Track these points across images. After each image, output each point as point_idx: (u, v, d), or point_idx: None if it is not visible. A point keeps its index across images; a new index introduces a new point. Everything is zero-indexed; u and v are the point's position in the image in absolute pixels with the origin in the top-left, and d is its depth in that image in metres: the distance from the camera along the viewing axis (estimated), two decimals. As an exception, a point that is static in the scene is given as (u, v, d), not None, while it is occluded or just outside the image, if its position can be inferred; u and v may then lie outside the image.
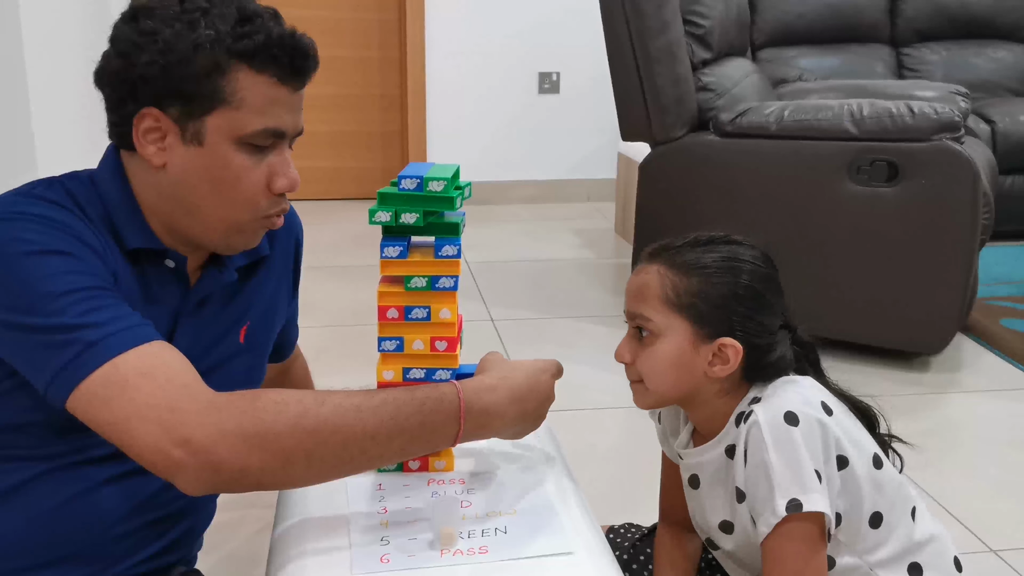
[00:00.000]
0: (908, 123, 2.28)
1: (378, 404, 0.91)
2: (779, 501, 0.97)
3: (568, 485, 1.08)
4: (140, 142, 0.98)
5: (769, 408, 1.00)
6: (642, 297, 1.07)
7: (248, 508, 1.77)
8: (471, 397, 0.95)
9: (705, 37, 2.62)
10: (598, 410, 2.24)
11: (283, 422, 0.87)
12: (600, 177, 4.38)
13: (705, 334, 1.04)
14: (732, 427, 1.06)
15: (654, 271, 1.07)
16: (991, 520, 1.78)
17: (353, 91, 4.24)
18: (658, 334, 1.06)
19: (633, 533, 1.31)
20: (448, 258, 1.00)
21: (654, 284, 1.06)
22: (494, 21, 4.15)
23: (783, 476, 0.97)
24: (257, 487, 0.90)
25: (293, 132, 1.02)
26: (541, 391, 1.04)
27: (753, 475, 1.00)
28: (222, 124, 0.96)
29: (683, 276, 1.05)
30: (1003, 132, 3.46)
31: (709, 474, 1.10)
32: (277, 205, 1.03)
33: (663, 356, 1.06)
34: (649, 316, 1.06)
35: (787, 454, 0.98)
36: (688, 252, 1.07)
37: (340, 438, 0.89)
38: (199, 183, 0.99)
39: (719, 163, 2.54)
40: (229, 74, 0.95)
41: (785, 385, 1.05)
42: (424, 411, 0.93)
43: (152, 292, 1.03)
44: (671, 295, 1.05)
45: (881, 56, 3.90)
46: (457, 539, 0.94)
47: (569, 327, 2.79)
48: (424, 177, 0.97)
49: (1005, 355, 2.58)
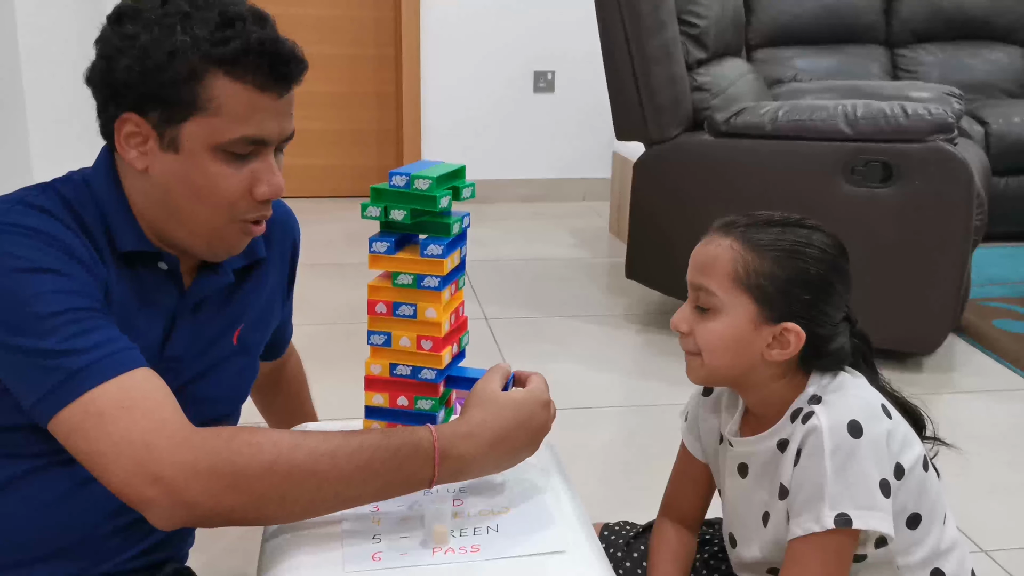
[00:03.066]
0: (902, 124, 2.28)
1: (353, 450, 0.90)
2: (827, 512, 0.96)
3: (560, 484, 1.08)
4: (122, 146, 0.98)
5: (832, 414, 0.98)
6: (709, 270, 1.04)
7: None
8: (446, 445, 0.93)
9: (701, 37, 2.62)
10: (591, 409, 2.24)
11: (257, 464, 0.87)
12: (595, 176, 4.38)
13: (768, 316, 1.02)
14: (787, 422, 1.04)
15: (726, 245, 1.04)
16: (983, 520, 1.78)
17: (348, 89, 4.23)
18: (719, 309, 1.03)
19: (627, 531, 1.31)
20: (432, 257, 0.99)
21: (724, 259, 1.03)
22: (490, 20, 4.15)
23: (837, 488, 0.96)
24: (230, 524, 0.90)
25: (278, 138, 1.00)
26: (532, 426, 1.00)
27: (802, 477, 0.98)
28: (199, 132, 0.95)
29: (755, 255, 1.02)
30: (997, 133, 3.47)
31: (759, 465, 1.08)
32: (258, 211, 1.01)
33: (722, 332, 1.03)
34: (714, 290, 1.03)
35: (846, 467, 0.96)
36: (763, 231, 1.04)
37: (314, 482, 0.89)
38: (178, 189, 0.98)
39: (714, 163, 2.54)
40: (205, 81, 0.94)
41: (845, 386, 1.03)
42: (399, 457, 0.92)
43: (147, 295, 1.02)
44: (740, 272, 1.02)
45: (876, 57, 3.90)
46: (449, 537, 0.94)
47: (563, 326, 2.79)
48: (412, 175, 0.97)
49: (998, 356, 2.58)
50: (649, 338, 2.70)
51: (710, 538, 1.27)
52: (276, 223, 1.18)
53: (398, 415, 1.05)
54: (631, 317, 2.86)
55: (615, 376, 2.46)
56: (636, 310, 2.93)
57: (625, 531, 1.31)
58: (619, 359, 2.56)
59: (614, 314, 2.89)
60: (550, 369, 2.58)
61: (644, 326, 2.79)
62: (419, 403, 1.04)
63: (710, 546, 1.26)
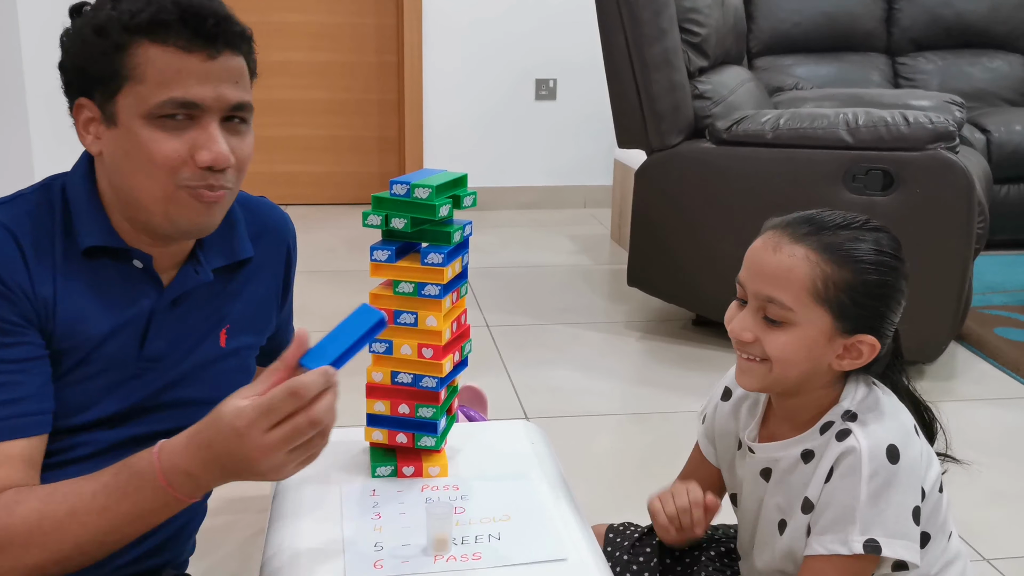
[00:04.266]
0: (903, 132, 2.29)
1: (89, 498, 0.90)
2: (856, 536, 0.95)
3: (562, 491, 1.08)
4: (81, 133, 1.01)
5: (871, 437, 0.97)
6: (783, 283, 0.97)
7: (241, 513, 1.76)
8: (167, 465, 0.88)
9: (701, 45, 2.63)
10: (592, 416, 2.24)
11: (18, 542, 0.89)
12: (596, 183, 4.38)
13: (844, 328, 0.98)
14: (815, 434, 1.02)
15: (802, 255, 0.97)
16: (984, 528, 1.78)
17: (350, 96, 4.24)
18: (793, 323, 0.98)
19: (632, 532, 1.30)
20: (433, 266, 0.99)
21: (801, 272, 0.97)
22: (492, 27, 4.16)
23: (871, 514, 0.95)
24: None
25: (215, 103, 0.97)
26: (221, 431, 0.85)
27: (833, 496, 0.97)
28: (130, 102, 0.97)
29: (835, 266, 0.96)
30: (998, 142, 3.47)
31: (781, 470, 1.06)
32: (203, 178, 0.98)
33: (797, 345, 0.98)
34: (789, 305, 0.97)
35: (882, 493, 0.95)
36: (840, 236, 0.98)
37: (70, 545, 0.90)
38: (122, 163, 0.99)
39: (715, 171, 2.54)
40: (131, 50, 0.96)
41: (880, 404, 1.01)
42: (130, 490, 0.89)
43: (119, 293, 1.02)
44: (819, 287, 0.96)
45: (877, 65, 3.91)
46: (450, 545, 0.94)
47: (564, 333, 2.80)
48: (412, 183, 0.97)
49: (999, 364, 2.58)
50: (650, 346, 2.70)
51: (719, 539, 1.27)
52: (268, 228, 1.17)
53: (399, 423, 1.06)
54: (632, 325, 2.86)
55: (616, 384, 2.46)
56: (637, 317, 2.93)
57: (630, 532, 1.30)
58: (620, 367, 2.56)
59: (615, 321, 2.89)
60: (551, 376, 2.58)
61: (645, 334, 2.79)
62: (420, 411, 1.04)
63: (717, 545, 1.26)
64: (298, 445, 0.83)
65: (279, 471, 0.85)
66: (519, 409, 2.24)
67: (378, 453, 1.09)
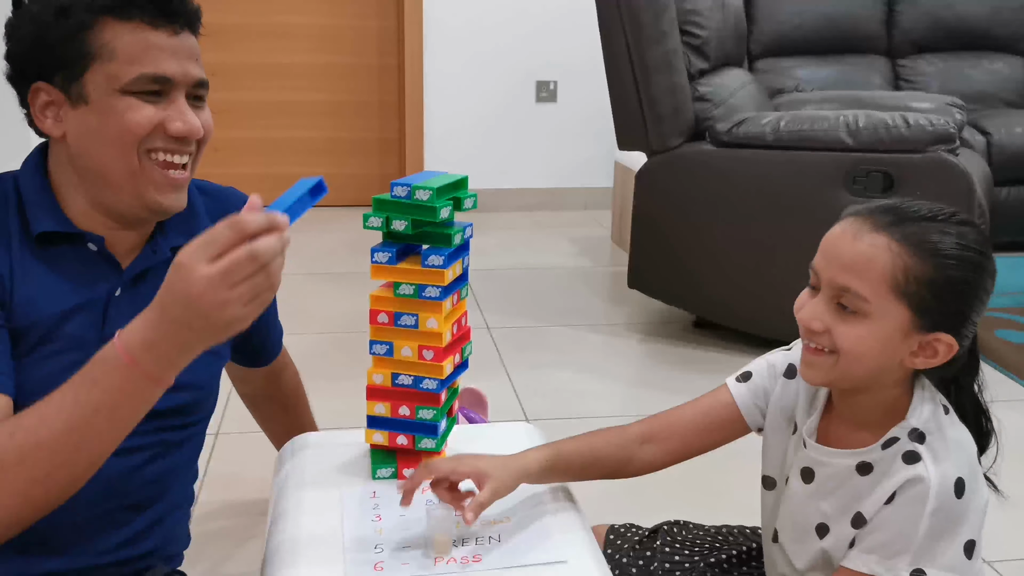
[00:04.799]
0: (903, 134, 2.29)
1: (58, 399, 0.88)
2: (903, 566, 0.93)
3: (562, 493, 1.08)
4: (39, 118, 1.02)
5: (940, 467, 0.94)
6: (861, 272, 0.92)
7: (241, 516, 1.76)
8: (126, 339, 0.86)
9: (702, 47, 2.63)
10: (594, 419, 2.24)
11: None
12: (597, 186, 4.38)
13: (921, 325, 0.93)
14: (877, 449, 0.98)
15: (883, 245, 0.92)
16: (986, 531, 1.78)
17: (351, 98, 4.24)
18: (869, 315, 0.93)
19: (633, 533, 1.30)
20: (434, 268, 0.99)
21: (883, 262, 0.91)
22: (492, 29, 4.16)
23: (925, 545, 0.92)
24: (30, 521, 0.90)
25: (183, 78, 1.03)
26: (168, 277, 0.83)
27: (891, 520, 0.95)
28: (100, 79, 0.99)
29: (918, 259, 0.91)
30: (998, 144, 3.47)
31: (826, 477, 1.02)
32: (172, 149, 1.02)
33: (871, 339, 0.93)
34: (866, 296, 0.92)
35: (942, 527, 0.92)
36: (924, 228, 0.93)
37: (45, 452, 0.87)
38: (94, 140, 1.01)
39: (715, 173, 2.54)
40: (95, 29, 0.98)
41: (944, 427, 0.98)
42: (96, 377, 0.87)
43: (78, 276, 1.04)
44: (900, 279, 0.91)
45: (877, 67, 3.91)
46: (451, 547, 0.94)
47: (565, 335, 2.79)
48: (413, 185, 0.97)
49: (1000, 366, 2.58)
50: (651, 348, 2.70)
51: (719, 546, 1.26)
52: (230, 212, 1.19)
53: (400, 425, 1.06)
54: (633, 327, 2.86)
55: (617, 386, 2.46)
56: (638, 319, 2.93)
57: (631, 533, 1.29)
58: (621, 369, 2.56)
59: (616, 323, 2.89)
60: (552, 378, 2.58)
61: (646, 335, 2.79)
62: (420, 413, 1.04)
63: (718, 552, 1.25)
64: (240, 280, 0.80)
65: (223, 309, 0.81)
66: (519, 411, 2.24)
67: (379, 455, 1.09)
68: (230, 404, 2.02)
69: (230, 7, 4.03)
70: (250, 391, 1.59)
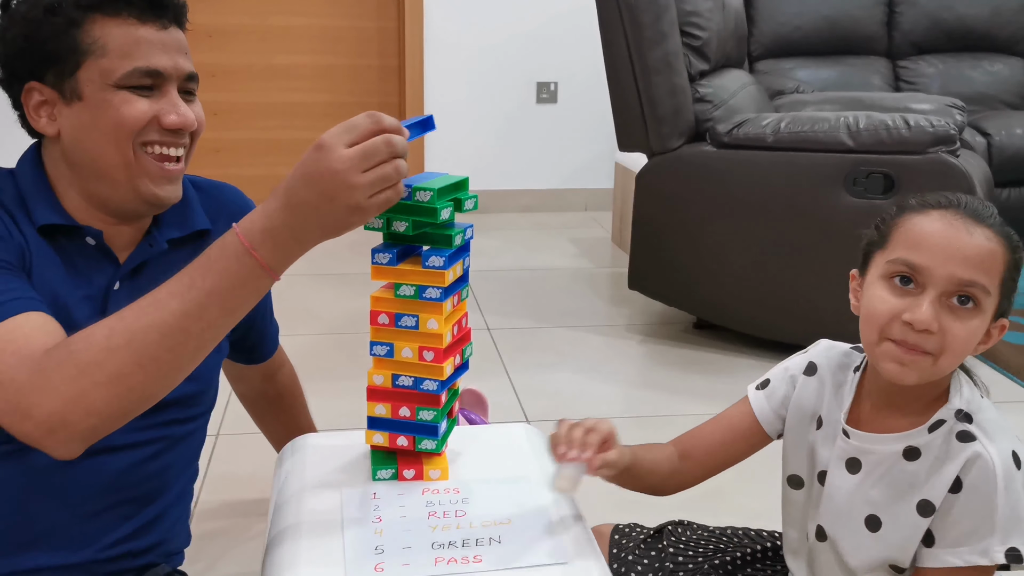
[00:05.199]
0: (904, 136, 2.29)
1: (172, 284, 0.89)
2: (997, 547, 0.94)
3: (563, 494, 1.08)
4: (33, 118, 1.03)
5: (997, 444, 0.96)
6: (988, 267, 0.94)
7: (241, 517, 1.76)
8: (246, 226, 0.88)
9: (702, 48, 2.63)
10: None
11: (96, 350, 0.87)
12: (597, 187, 4.38)
13: (997, 311, 0.97)
14: (923, 432, 1.00)
15: (994, 238, 0.95)
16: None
17: (351, 99, 4.25)
18: (984, 309, 0.95)
19: (638, 533, 1.29)
20: (434, 269, 1.00)
21: (1000, 254, 0.95)
22: (493, 30, 4.16)
23: (1009, 523, 0.94)
24: (124, 416, 0.89)
25: (175, 73, 1.04)
26: (303, 159, 0.88)
27: (967, 507, 0.96)
28: (93, 75, 1.00)
29: (1005, 248, 0.95)
30: (999, 145, 3.47)
31: (873, 464, 1.03)
32: (166, 141, 1.04)
33: (978, 332, 0.96)
34: (989, 289, 0.94)
35: (1015, 500, 0.94)
36: (995, 218, 0.97)
37: (155, 334, 0.87)
38: (89, 135, 1.02)
39: (716, 174, 2.54)
40: (85, 26, 1.00)
41: (984, 406, 1.01)
42: (212, 263, 0.88)
43: (77, 269, 1.05)
44: (1001, 268, 0.95)
45: (878, 68, 3.91)
46: (572, 485, 0.96)
47: (565, 336, 2.80)
48: (413, 186, 0.97)
49: (1000, 368, 2.58)
50: (651, 349, 2.70)
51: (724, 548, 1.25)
52: (225, 205, 1.21)
53: (400, 426, 1.06)
54: (633, 328, 2.86)
55: (617, 387, 2.46)
56: (638, 320, 2.93)
57: (636, 533, 1.29)
58: (621, 370, 2.56)
59: (616, 324, 2.89)
60: (552, 379, 2.58)
61: (646, 336, 2.79)
62: (421, 414, 1.04)
63: (723, 554, 1.24)
64: (373, 165, 0.85)
65: (351, 193, 0.85)
66: (520, 412, 2.24)
67: (379, 456, 1.09)
68: (230, 406, 2.02)
69: (230, 8, 4.04)
70: (247, 390, 1.60)
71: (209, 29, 3.99)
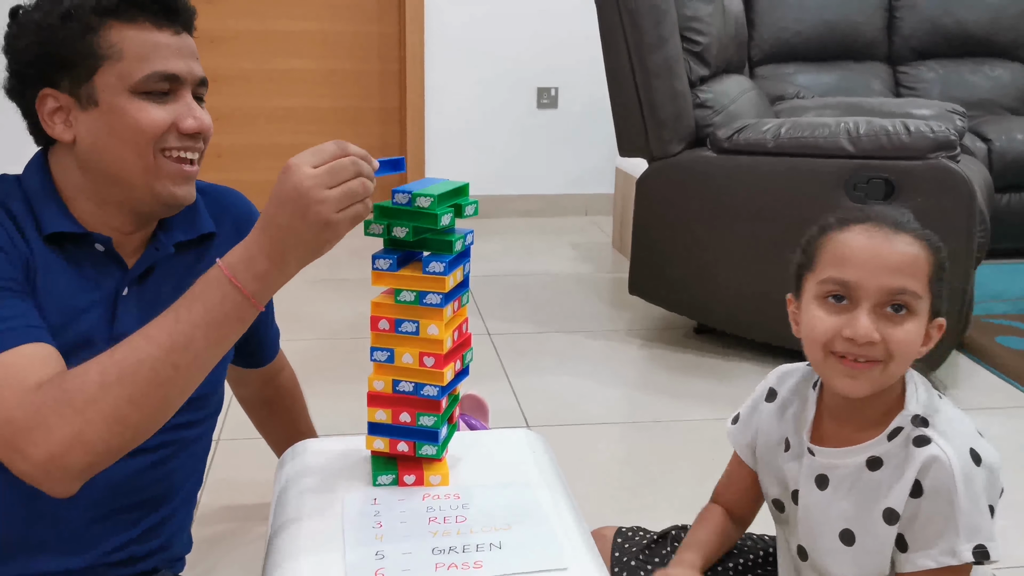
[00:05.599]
0: (904, 141, 2.29)
1: (160, 319, 0.91)
2: (964, 545, 0.95)
3: (563, 500, 1.08)
4: (48, 124, 1.04)
5: (953, 443, 0.97)
6: (913, 271, 0.98)
7: (242, 521, 1.76)
8: (228, 259, 0.92)
9: (703, 54, 2.63)
10: (595, 425, 2.24)
11: (91, 389, 0.88)
12: (598, 192, 4.39)
13: (932, 312, 1.00)
14: (883, 440, 1.01)
15: (915, 243, 0.99)
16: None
17: (352, 104, 4.25)
18: (916, 312, 0.98)
19: (641, 537, 1.29)
20: (435, 274, 1.00)
21: (923, 257, 0.98)
22: (494, 36, 4.17)
23: (971, 521, 0.95)
24: (119, 452, 0.91)
25: (190, 78, 1.05)
26: (276, 185, 0.90)
27: (930, 509, 0.97)
28: (110, 80, 1.01)
29: (929, 251, 0.99)
30: (999, 150, 3.48)
31: (840, 478, 1.05)
32: (186, 146, 1.05)
33: (917, 334, 0.98)
34: (919, 292, 0.97)
35: (975, 499, 0.96)
36: (916, 224, 1.01)
37: (146, 369, 0.89)
38: (107, 141, 1.02)
39: (716, 179, 2.55)
40: (101, 32, 1.00)
41: (942, 406, 1.02)
42: (197, 295, 0.91)
43: (86, 275, 1.06)
44: (930, 271, 0.99)
45: (878, 74, 3.92)
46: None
47: (566, 341, 2.80)
48: (413, 192, 0.97)
49: (1001, 373, 2.58)
50: (652, 354, 2.70)
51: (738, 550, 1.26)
52: (228, 209, 1.22)
53: (400, 431, 1.06)
54: (634, 332, 2.86)
55: (618, 391, 2.46)
56: (639, 325, 2.93)
57: (639, 537, 1.29)
58: (622, 374, 2.56)
59: (617, 329, 2.90)
60: (553, 384, 2.58)
61: (647, 341, 2.79)
62: (421, 419, 1.04)
63: (735, 557, 1.24)
64: (340, 182, 0.88)
65: (320, 207, 0.87)
66: (520, 417, 2.24)
67: (379, 462, 1.09)
68: (230, 411, 2.02)
69: (232, 14, 4.04)
70: (248, 394, 1.60)
71: (211, 34, 4.00)
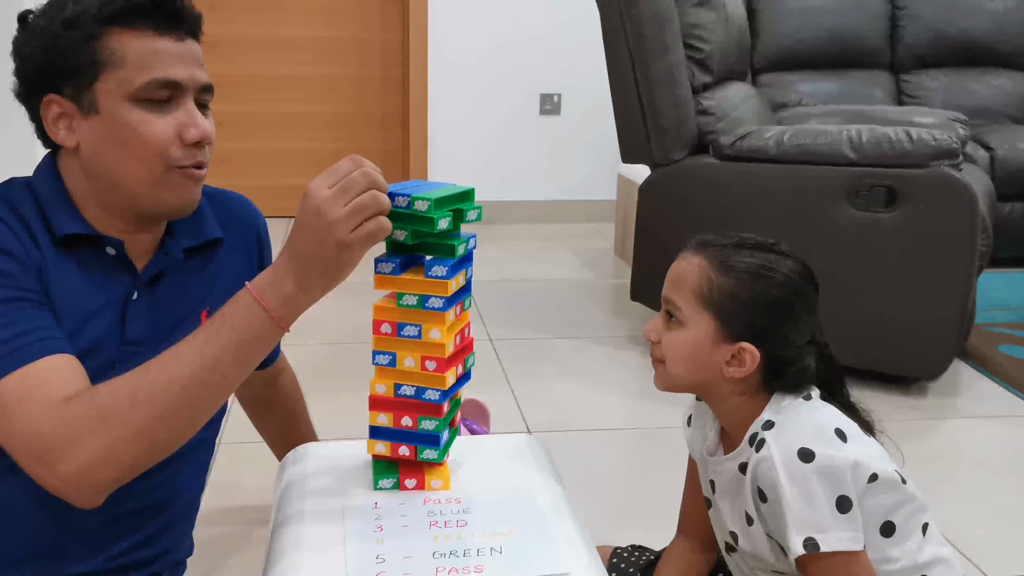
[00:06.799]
0: (907, 149, 2.29)
1: (191, 339, 0.93)
2: (795, 538, 0.98)
3: (564, 505, 1.08)
4: (52, 130, 1.04)
5: (782, 442, 1.01)
6: (678, 285, 1.10)
7: (243, 524, 1.76)
8: (257, 283, 0.94)
9: (705, 61, 2.64)
10: (596, 431, 2.24)
11: (121, 405, 0.89)
12: (600, 198, 4.39)
13: (728, 334, 1.06)
14: (746, 446, 1.07)
15: (696, 263, 1.10)
16: (988, 547, 1.77)
17: (355, 110, 4.26)
18: (684, 323, 1.09)
19: (637, 556, 1.30)
20: (437, 278, 1.00)
21: (692, 276, 1.09)
22: (497, 42, 4.18)
23: (799, 513, 0.98)
24: (145, 467, 0.93)
25: (192, 84, 1.05)
26: (307, 215, 0.91)
27: (770, 507, 1.02)
28: (111, 87, 1.01)
29: (720, 275, 1.07)
30: (1002, 159, 3.48)
31: (723, 483, 1.12)
32: (192, 157, 1.05)
33: (683, 344, 1.09)
34: (680, 305, 1.09)
35: (802, 492, 0.99)
36: (731, 252, 1.09)
37: (176, 388, 0.91)
38: (108, 149, 1.02)
39: (718, 186, 2.55)
40: (102, 39, 1.00)
41: (798, 411, 1.06)
42: (227, 316, 0.93)
43: (97, 280, 1.06)
44: (704, 290, 1.07)
45: (880, 82, 3.92)
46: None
47: (568, 347, 2.80)
48: (412, 196, 0.97)
49: (1002, 381, 2.58)
50: (653, 360, 2.70)
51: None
52: (234, 214, 1.23)
53: (402, 435, 1.06)
54: (636, 339, 2.86)
55: (620, 398, 2.46)
56: (640, 332, 2.93)
57: (635, 557, 1.30)
58: (624, 381, 2.56)
59: (619, 336, 2.89)
60: (555, 390, 2.58)
61: (648, 348, 2.79)
62: (423, 423, 1.04)
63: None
64: (352, 197, 0.89)
65: (334, 228, 0.89)
66: (521, 423, 2.24)
67: (380, 465, 1.09)
68: (231, 414, 2.03)
69: (236, 20, 4.05)
70: (248, 395, 1.61)
71: (215, 40, 4.01)
